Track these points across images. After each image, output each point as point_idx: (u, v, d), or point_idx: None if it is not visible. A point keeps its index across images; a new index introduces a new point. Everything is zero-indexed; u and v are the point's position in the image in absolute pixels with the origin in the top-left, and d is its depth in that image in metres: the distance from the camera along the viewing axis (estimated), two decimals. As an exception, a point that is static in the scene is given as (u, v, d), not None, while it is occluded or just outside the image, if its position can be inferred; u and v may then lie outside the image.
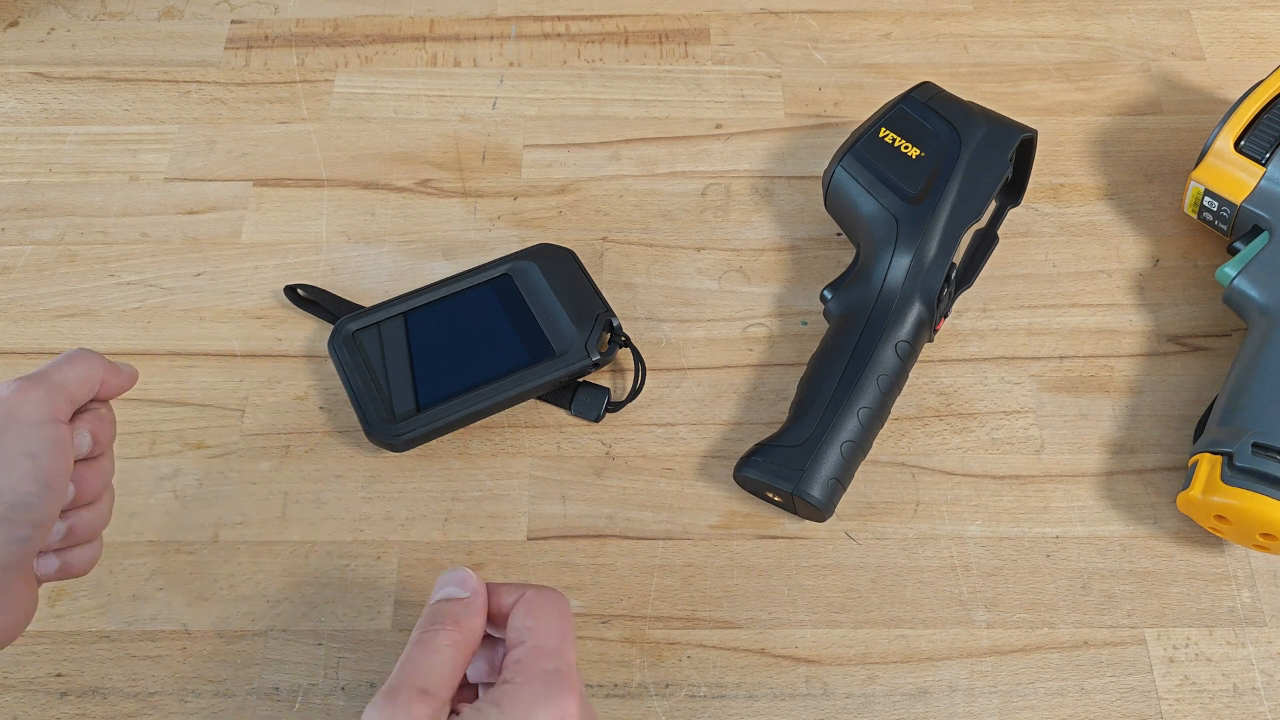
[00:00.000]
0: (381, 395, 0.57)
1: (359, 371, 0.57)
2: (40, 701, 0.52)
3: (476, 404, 0.56)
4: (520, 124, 0.69)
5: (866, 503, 0.56)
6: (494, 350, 0.58)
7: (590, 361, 0.57)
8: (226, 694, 0.52)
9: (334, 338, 0.59)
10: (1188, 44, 0.72)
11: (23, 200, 0.66)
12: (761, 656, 0.53)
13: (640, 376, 0.59)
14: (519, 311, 0.59)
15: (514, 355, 0.58)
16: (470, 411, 0.56)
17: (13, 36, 0.73)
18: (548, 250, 0.61)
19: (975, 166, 0.59)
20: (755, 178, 0.67)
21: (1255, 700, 0.51)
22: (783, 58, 0.72)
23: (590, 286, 0.60)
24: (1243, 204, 0.58)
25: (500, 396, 0.57)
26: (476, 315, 0.59)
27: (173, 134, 0.69)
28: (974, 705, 0.51)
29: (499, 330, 0.59)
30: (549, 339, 0.58)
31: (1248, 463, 0.51)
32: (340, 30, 0.73)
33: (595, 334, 0.58)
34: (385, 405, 0.57)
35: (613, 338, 0.59)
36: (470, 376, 0.57)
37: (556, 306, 0.59)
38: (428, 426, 0.56)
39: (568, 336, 0.58)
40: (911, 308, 0.56)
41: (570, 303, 0.59)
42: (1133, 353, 0.60)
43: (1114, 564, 0.55)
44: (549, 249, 0.61)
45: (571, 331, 0.58)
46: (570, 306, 0.59)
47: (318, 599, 0.54)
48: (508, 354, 0.58)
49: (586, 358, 0.57)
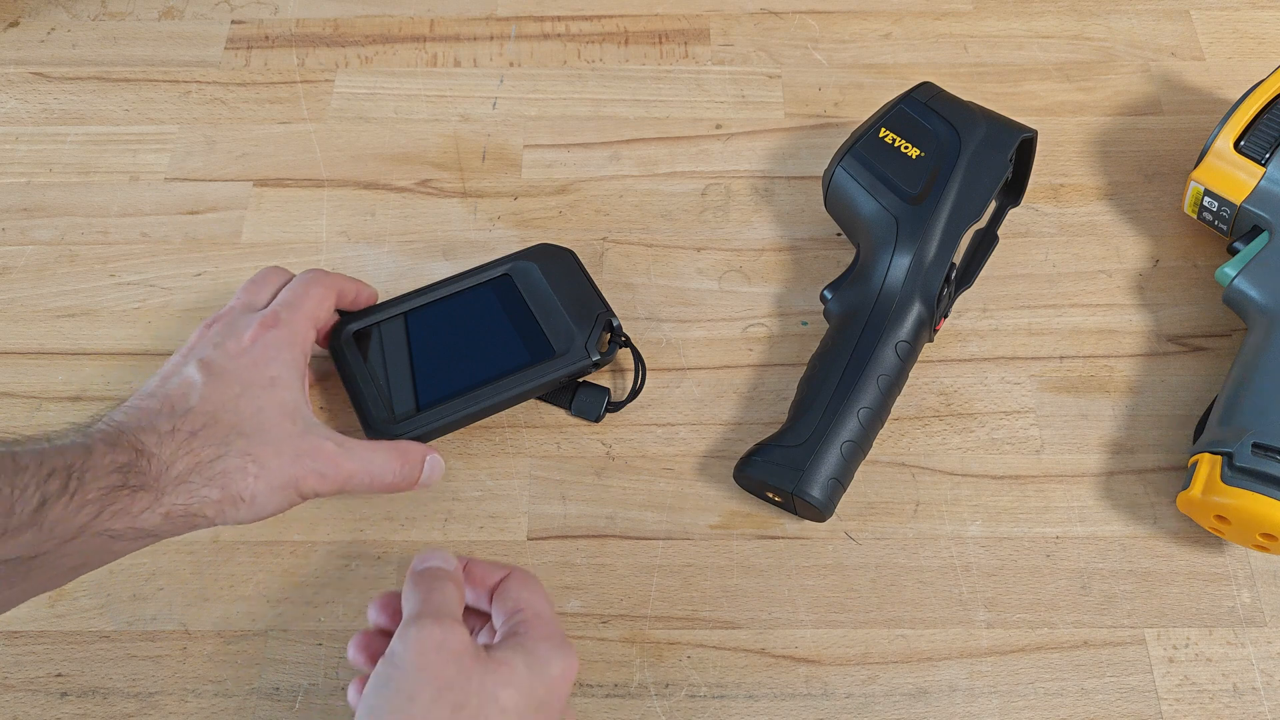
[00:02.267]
0: (381, 395, 0.57)
1: (359, 371, 0.57)
2: (40, 701, 0.52)
3: (476, 404, 0.56)
4: (520, 124, 0.69)
5: (866, 503, 0.56)
6: (494, 350, 0.58)
7: (590, 361, 0.57)
8: (226, 694, 0.52)
9: (334, 337, 0.59)
10: (1188, 44, 0.72)
11: (23, 200, 0.66)
12: (761, 656, 0.53)
13: (640, 376, 0.59)
14: (519, 311, 0.59)
15: (514, 355, 0.58)
16: (470, 411, 0.56)
17: (13, 36, 0.73)
18: (548, 250, 0.61)
19: (975, 166, 0.59)
20: (755, 178, 0.67)
21: (1255, 700, 0.51)
22: (783, 58, 0.72)
23: (590, 286, 0.60)
24: (1242, 204, 0.58)
25: (500, 396, 0.56)
26: (476, 315, 0.59)
27: (173, 134, 0.69)
28: (974, 705, 0.51)
29: (499, 330, 0.58)
30: (549, 339, 0.58)
31: (1248, 463, 0.51)
32: (340, 30, 0.73)
33: (595, 334, 0.58)
34: (385, 405, 0.56)
35: (613, 338, 0.59)
36: (470, 376, 0.57)
37: (557, 306, 0.58)
38: (428, 426, 0.56)
39: (568, 336, 0.57)
40: (911, 308, 0.56)
41: (570, 303, 0.59)
42: (1133, 353, 0.60)
43: (1114, 564, 0.55)
44: (549, 249, 0.61)
45: (571, 331, 0.58)
46: (570, 306, 0.58)
47: (318, 599, 0.54)
48: (508, 354, 0.58)
49: (586, 358, 0.57)
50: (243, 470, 0.47)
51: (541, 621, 0.46)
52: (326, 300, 0.56)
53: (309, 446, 0.50)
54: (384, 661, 0.42)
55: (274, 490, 0.48)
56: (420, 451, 0.54)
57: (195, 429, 0.47)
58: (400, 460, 0.53)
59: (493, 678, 0.42)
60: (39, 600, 0.54)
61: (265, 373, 0.51)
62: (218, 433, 0.48)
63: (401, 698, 0.41)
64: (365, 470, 0.51)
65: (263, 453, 0.48)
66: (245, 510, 0.48)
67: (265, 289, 0.56)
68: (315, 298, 0.55)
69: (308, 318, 0.54)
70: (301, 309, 0.54)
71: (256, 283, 0.56)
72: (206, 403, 0.48)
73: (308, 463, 0.49)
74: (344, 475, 0.50)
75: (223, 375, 0.50)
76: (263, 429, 0.49)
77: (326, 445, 0.50)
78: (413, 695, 0.41)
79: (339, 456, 0.50)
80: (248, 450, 0.48)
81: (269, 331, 0.52)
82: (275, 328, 0.53)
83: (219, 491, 0.47)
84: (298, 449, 0.49)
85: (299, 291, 0.55)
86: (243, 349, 0.51)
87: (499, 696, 0.42)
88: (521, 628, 0.45)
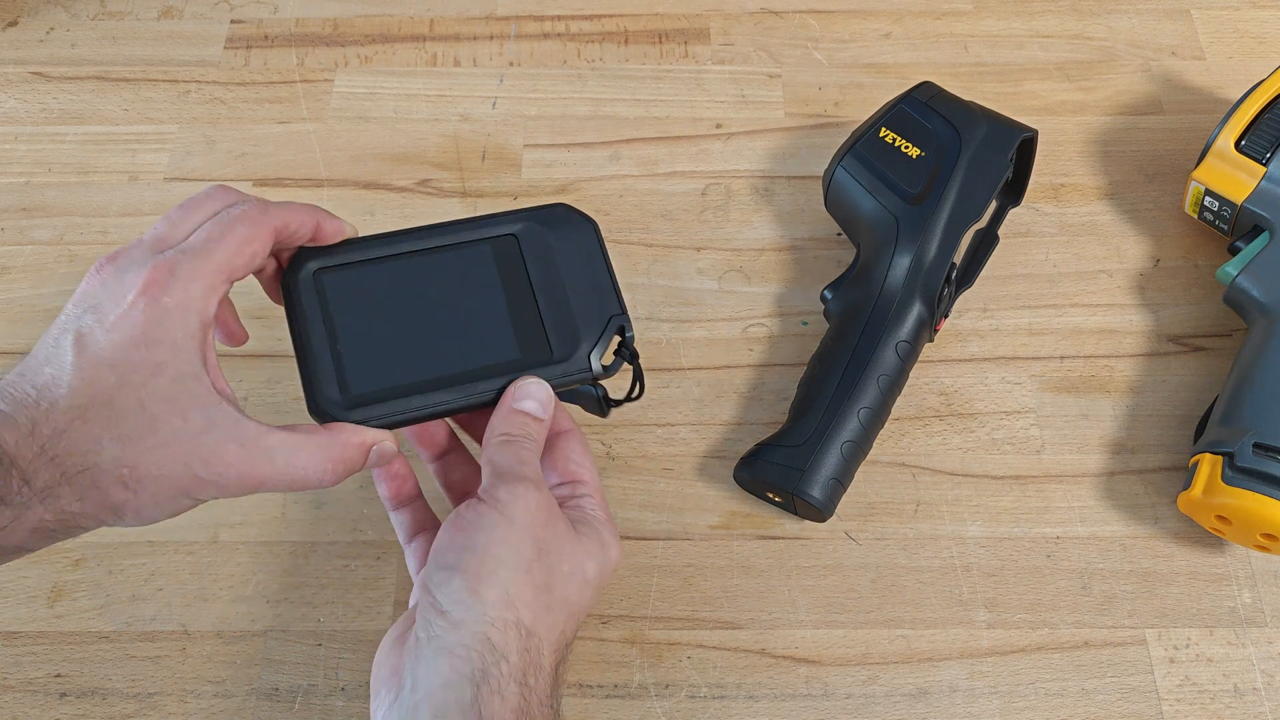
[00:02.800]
0: (336, 364, 0.46)
1: (313, 328, 0.46)
2: (40, 702, 0.52)
3: (448, 401, 0.46)
4: (520, 124, 0.69)
5: (867, 503, 0.56)
6: (479, 334, 0.48)
7: (590, 375, 0.48)
8: (226, 694, 0.52)
9: (289, 274, 0.47)
10: (1188, 44, 0.72)
11: (22, 200, 0.66)
12: (762, 657, 0.53)
13: (637, 388, 0.51)
14: (518, 288, 0.48)
15: (501, 347, 0.47)
16: (440, 410, 0.47)
17: (12, 36, 0.73)
18: (567, 215, 0.50)
19: (976, 166, 0.59)
20: (755, 177, 0.67)
21: (1256, 701, 0.51)
22: (783, 57, 0.72)
23: (607, 274, 0.50)
24: (1243, 204, 0.58)
25: (475, 398, 0.47)
26: (467, 281, 0.48)
27: (172, 134, 0.69)
28: (974, 706, 0.51)
29: (490, 307, 0.48)
30: (548, 335, 0.48)
31: (1248, 463, 0.51)
32: (340, 30, 0.73)
33: (604, 341, 0.48)
34: (338, 379, 0.46)
35: (621, 346, 0.49)
36: (445, 363, 0.47)
37: (564, 294, 0.48)
38: (384, 418, 0.46)
39: (570, 338, 0.48)
40: (912, 308, 0.56)
41: (581, 292, 0.49)
42: (1133, 353, 0.60)
43: (1114, 564, 0.55)
44: (568, 214, 0.50)
45: (576, 331, 0.48)
46: (580, 297, 0.49)
47: (318, 599, 0.54)
48: (495, 344, 0.47)
49: (588, 370, 0.48)
50: (118, 482, 0.39)
51: (604, 502, 0.48)
52: (253, 243, 0.43)
53: (205, 450, 0.40)
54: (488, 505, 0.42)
55: (159, 502, 0.40)
56: (360, 443, 0.44)
57: (60, 428, 0.38)
58: (331, 458, 0.43)
59: (582, 550, 0.44)
60: (38, 601, 0.54)
61: (150, 355, 0.40)
62: (88, 434, 0.39)
63: (507, 548, 0.41)
64: (282, 474, 0.42)
65: (142, 462, 0.39)
66: (130, 521, 0.41)
67: (191, 217, 0.44)
68: (236, 240, 0.43)
69: (218, 270, 0.42)
70: (211, 257, 0.42)
71: (185, 208, 0.44)
72: (75, 394, 0.39)
73: (200, 470, 0.40)
74: (251, 482, 0.41)
75: (97, 356, 0.39)
76: (143, 430, 0.39)
77: (228, 448, 0.40)
78: (518, 548, 0.41)
79: (244, 461, 0.41)
80: (122, 459, 0.39)
81: (157, 293, 0.40)
82: (167, 287, 0.40)
83: (92, 505, 0.39)
84: (189, 454, 0.40)
85: (217, 230, 0.43)
86: (122, 316, 0.40)
87: (586, 569, 0.44)
88: (589, 505, 0.47)
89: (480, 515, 0.42)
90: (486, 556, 0.41)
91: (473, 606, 0.41)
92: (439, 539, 0.43)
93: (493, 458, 0.45)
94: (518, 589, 0.41)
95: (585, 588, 0.44)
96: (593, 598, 0.45)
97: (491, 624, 0.40)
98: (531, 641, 0.41)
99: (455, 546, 0.42)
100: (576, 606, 0.44)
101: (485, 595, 0.41)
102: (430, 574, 0.42)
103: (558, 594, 0.43)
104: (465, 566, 0.41)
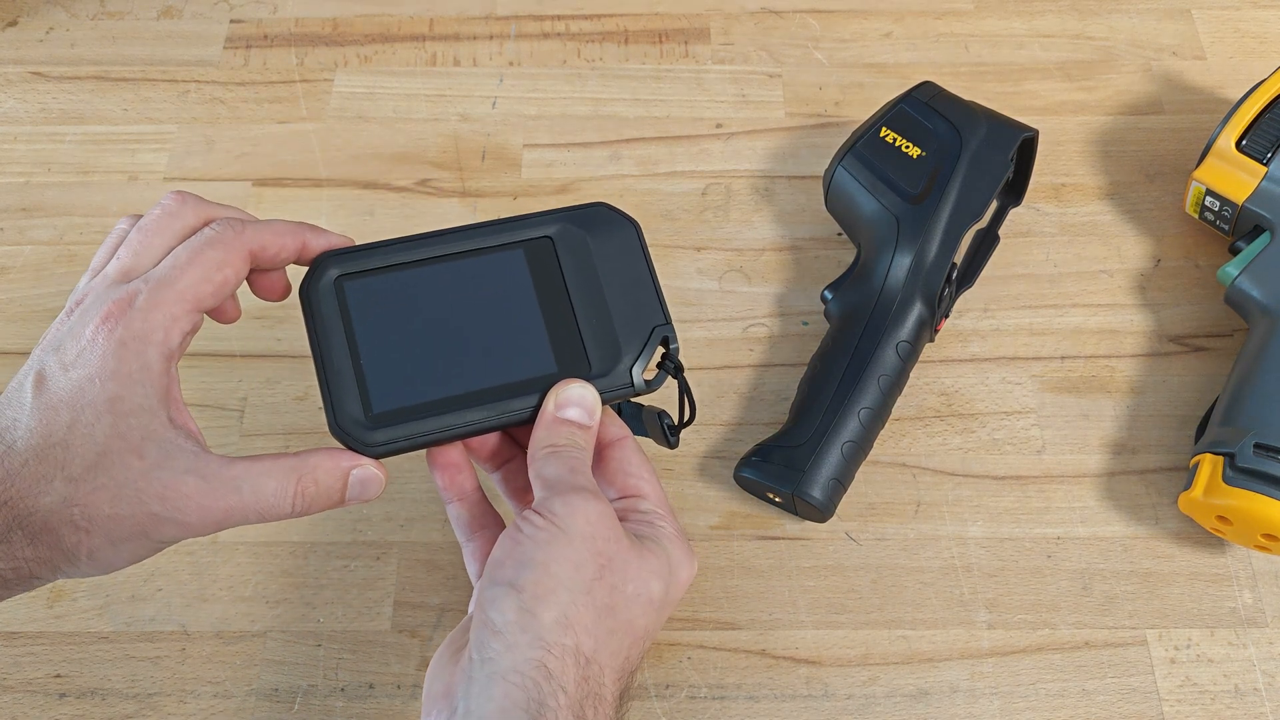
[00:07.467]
0: (359, 379, 0.43)
1: (334, 340, 0.43)
2: (39, 702, 0.51)
3: (479, 420, 0.43)
4: (520, 124, 0.69)
5: (867, 503, 0.56)
6: (512, 346, 0.44)
7: (632, 389, 0.45)
8: (225, 695, 0.52)
9: (310, 280, 0.44)
10: (1189, 44, 0.72)
11: (21, 200, 0.66)
12: (762, 657, 0.53)
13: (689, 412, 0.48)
14: (554, 296, 0.45)
15: (536, 360, 0.44)
16: (470, 430, 0.44)
17: (11, 36, 0.73)
18: (606, 216, 0.47)
19: (976, 166, 0.58)
20: (756, 177, 0.67)
21: (1257, 701, 0.51)
22: (783, 57, 0.72)
23: (650, 281, 0.46)
24: (1244, 204, 0.58)
25: (511, 415, 0.44)
26: (499, 289, 0.45)
27: (172, 134, 0.69)
28: (975, 706, 0.51)
29: (524, 318, 0.45)
30: (586, 348, 0.44)
31: (1249, 463, 0.51)
32: (339, 30, 0.73)
33: (647, 352, 0.45)
34: (360, 396, 0.43)
35: (665, 359, 0.46)
36: (476, 378, 0.44)
37: (603, 302, 0.45)
38: (411, 441, 0.43)
39: (611, 351, 0.45)
40: (912, 308, 0.56)
41: (622, 301, 0.45)
42: (1134, 353, 0.60)
43: (1115, 565, 0.55)
44: (608, 214, 0.47)
45: (616, 344, 0.45)
46: (621, 307, 0.45)
47: (318, 599, 0.54)
48: (529, 356, 0.44)
49: (629, 385, 0.44)
50: (69, 524, 0.38)
51: (668, 518, 0.44)
52: (224, 268, 0.41)
53: (161, 488, 0.38)
54: (543, 519, 0.40)
55: (114, 543, 0.39)
56: (336, 469, 0.41)
57: (14, 470, 0.38)
58: (304, 486, 0.40)
59: (647, 567, 0.41)
60: (38, 601, 0.54)
61: (104, 390, 0.38)
62: (41, 474, 0.38)
63: (567, 565, 0.39)
64: (250, 505, 0.39)
65: (94, 501, 0.38)
66: (87, 567, 0.39)
67: (154, 241, 0.41)
68: (203, 266, 0.41)
69: (180, 298, 0.40)
70: (174, 285, 0.40)
71: (144, 230, 0.42)
72: (32, 435, 0.38)
73: (157, 508, 0.38)
74: (215, 515, 0.39)
75: (54, 396, 0.38)
76: (93, 468, 0.38)
77: (186, 483, 0.38)
78: (579, 566, 0.39)
79: (205, 494, 0.39)
80: (72, 498, 0.38)
81: (113, 326, 0.39)
82: (122, 320, 0.39)
83: (45, 549, 0.38)
84: (143, 491, 0.38)
85: (184, 256, 0.41)
86: (80, 353, 0.39)
87: (651, 589, 0.41)
88: (657, 520, 0.44)
89: (536, 530, 0.40)
90: (545, 574, 0.39)
91: (528, 628, 0.38)
92: (495, 551, 0.41)
93: (541, 471, 0.42)
94: (577, 611, 0.39)
95: (650, 610, 0.41)
96: (659, 621, 0.42)
97: (548, 649, 0.38)
98: (591, 670, 0.39)
99: (511, 561, 0.40)
100: (642, 631, 0.41)
101: (542, 616, 0.38)
102: (484, 589, 0.40)
103: (621, 617, 0.40)
104: (521, 584, 0.39)
